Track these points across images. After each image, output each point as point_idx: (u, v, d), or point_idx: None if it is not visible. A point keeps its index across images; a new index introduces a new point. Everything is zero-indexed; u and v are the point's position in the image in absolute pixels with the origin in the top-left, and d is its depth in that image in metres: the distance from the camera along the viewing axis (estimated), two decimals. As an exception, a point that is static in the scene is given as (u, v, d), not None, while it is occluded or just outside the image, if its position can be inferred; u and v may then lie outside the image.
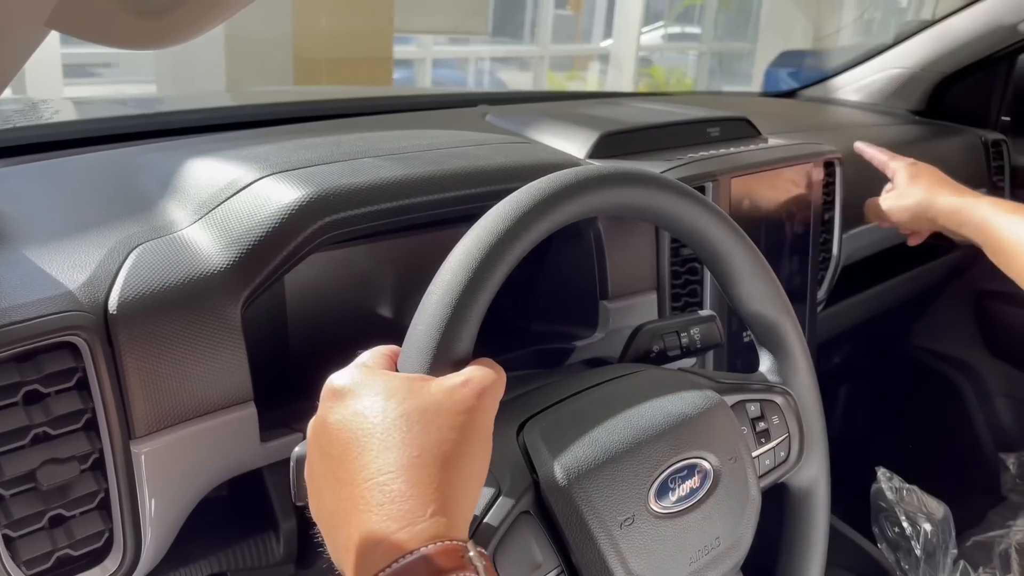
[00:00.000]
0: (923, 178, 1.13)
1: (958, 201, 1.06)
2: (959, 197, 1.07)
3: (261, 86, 3.33)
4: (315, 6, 3.67)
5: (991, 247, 1.01)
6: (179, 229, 0.66)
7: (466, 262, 0.54)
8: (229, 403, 0.62)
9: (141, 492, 0.58)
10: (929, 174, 1.14)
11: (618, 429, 0.60)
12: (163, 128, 1.00)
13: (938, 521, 1.04)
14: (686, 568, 0.60)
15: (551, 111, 1.12)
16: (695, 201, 0.66)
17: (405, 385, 0.48)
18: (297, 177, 0.67)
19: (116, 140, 0.93)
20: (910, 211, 1.11)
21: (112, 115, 1.13)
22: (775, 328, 0.72)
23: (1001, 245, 0.99)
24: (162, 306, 0.59)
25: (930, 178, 1.13)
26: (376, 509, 0.43)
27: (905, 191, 1.13)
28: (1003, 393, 1.63)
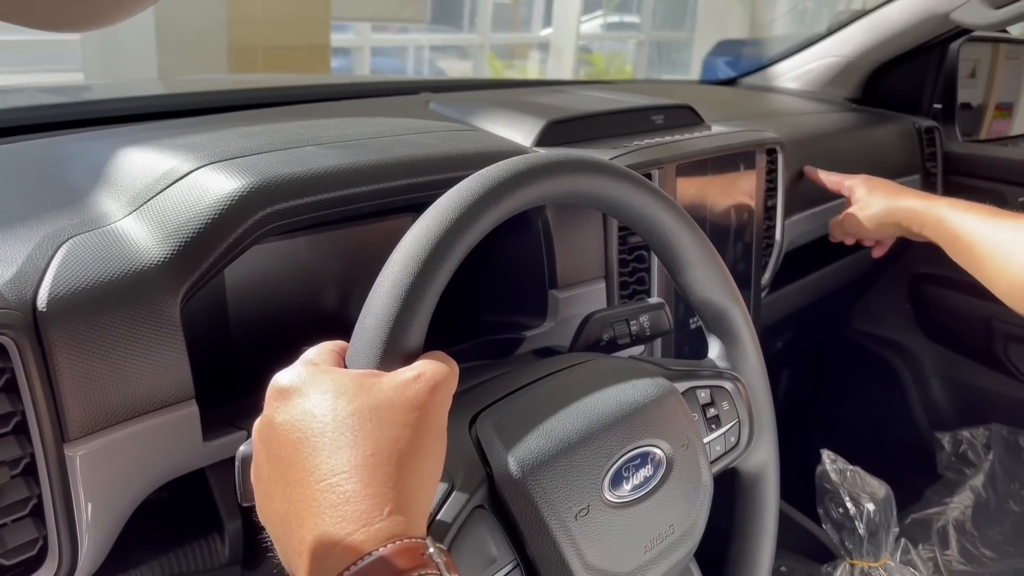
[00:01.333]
0: (880, 188, 1.17)
1: (917, 203, 1.10)
2: (917, 200, 1.11)
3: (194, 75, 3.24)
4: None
5: (950, 245, 1.05)
6: (112, 222, 0.63)
7: (415, 252, 0.53)
8: (169, 402, 0.60)
9: (77, 497, 0.55)
10: (884, 184, 1.19)
11: (571, 419, 0.59)
12: (92, 117, 0.95)
13: (880, 501, 1.06)
14: (641, 557, 0.59)
15: (495, 99, 1.10)
16: (644, 188, 0.66)
17: (355, 382, 0.47)
18: (236, 166, 0.64)
19: (41, 130, 0.89)
20: (874, 220, 1.15)
21: (36, 103, 1.08)
22: (724, 314, 0.73)
23: (959, 242, 1.03)
24: (96, 302, 0.56)
25: (886, 187, 1.18)
26: (330, 511, 0.42)
27: (866, 203, 1.17)
28: (937, 374, 1.67)
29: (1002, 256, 0.97)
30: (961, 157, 1.63)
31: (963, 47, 1.65)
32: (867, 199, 1.17)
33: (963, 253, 1.03)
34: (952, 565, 1.18)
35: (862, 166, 1.43)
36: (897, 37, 1.58)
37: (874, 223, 1.16)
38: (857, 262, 1.55)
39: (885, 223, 1.14)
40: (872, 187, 1.18)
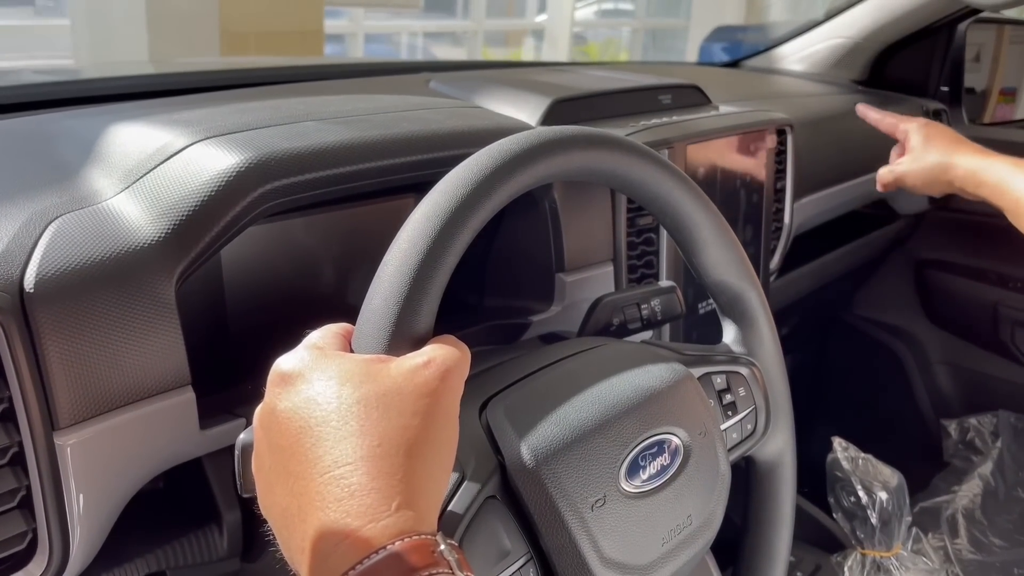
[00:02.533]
0: (938, 139, 1.08)
1: (976, 162, 1.02)
2: (977, 157, 1.02)
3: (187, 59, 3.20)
4: (242, -24, 3.54)
5: (1009, 208, 0.97)
6: (104, 199, 0.60)
7: (425, 229, 0.50)
8: (164, 388, 0.57)
9: (68, 488, 0.53)
10: (943, 134, 1.09)
11: (586, 406, 0.57)
12: (84, 95, 0.92)
13: (893, 489, 1.04)
14: (659, 549, 0.57)
15: (497, 78, 1.07)
16: (661, 166, 0.63)
17: (361, 367, 0.44)
18: (234, 141, 0.61)
19: (33, 108, 0.86)
20: (927, 174, 1.07)
21: (27, 82, 1.04)
22: (740, 297, 0.70)
23: (1019, 207, 0.96)
24: (86, 283, 0.53)
25: (945, 138, 1.08)
26: (334, 505, 0.39)
27: (921, 154, 1.08)
28: (942, 360, 1.65)
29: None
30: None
31: (970, 29, 1.63)
32: (922, 149, 1.08)
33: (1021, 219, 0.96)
34: (962, 554, 1.16)
35: (869, 148, 1.41)
36: (904, 17, 1.55)
37: (927, 177, 1.07)
38: (862, 248, 1.53)
39: (939, 179, 1.06)
40: (929, 136, 1.08)
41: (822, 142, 1.27)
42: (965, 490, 1.28)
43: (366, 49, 6.35)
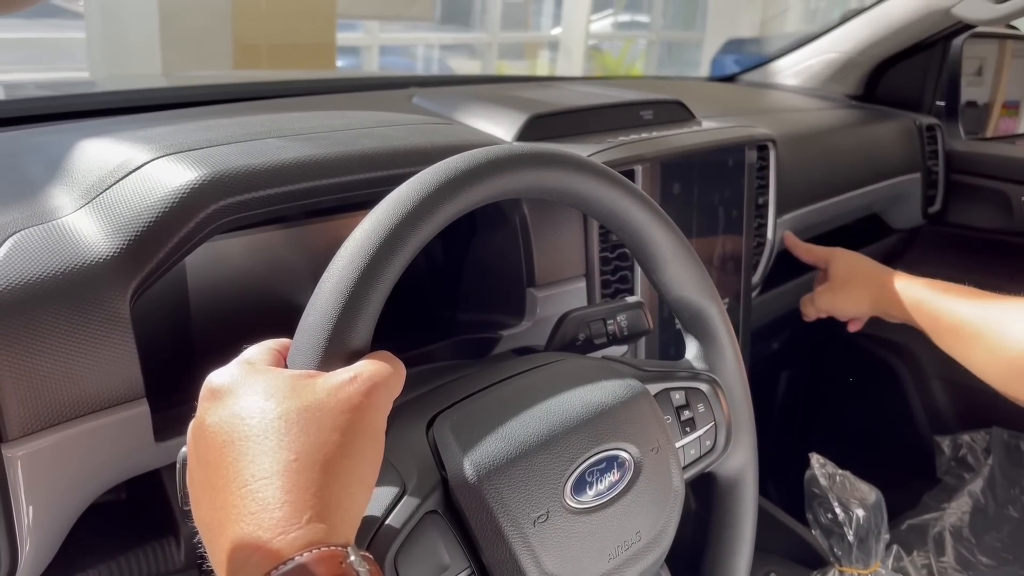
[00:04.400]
0: (855, 265, 1.13)
1: (896, 286, 1.06)
2: (893, 281, 1.07)
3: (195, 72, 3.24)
4: (255, -13, 3.58)
5: (931, 328, 1.01)
6: (63, 216, 0.61)
7: (363, 247, 0.51)
8: (117, 401, 0.58)
9: (16, 499, 0.53)
10: (859, 261, 1.14)
11: (532, 421, 0.57)
12: (66, 110, 0.94)
13: (870, 506, 1.03)
14: (605, 564, 0.57)
15: (480, 93, 1.08)
16: (615, 183, 0.63)
17: (287, 383, 0.45)
18: (190, 158, 0.62)
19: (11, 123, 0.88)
20: (848, 300, 1.12)
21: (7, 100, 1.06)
22: (700, 314, 0.70)
23: (940, 325, 0.99)
24: (39, 297, 0.54)
25: (862, 264, 1.13)
26: (248, 518, 0.40)
27: (840, 281, 1.13)
28: (939, 376, 1.64)
29: (993, 338, 0.92)
30: (963, 155, 1.60)
31: (967, 44, 1.62)
32: (841, 277, 1.13)
33: (945, 336, 0.99)
34: (947, 572, 1.15)
35: (860, 163, 1.41)
36: (898, 32, 1.55)
37: (848, 303, 1.12)
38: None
39: (860, 303, 1.11)
40: (847, 264, 1.14)
41: (809, 157, 1.27)
42: (954, 507, 1.27)
43: (381, 62, 6.39)
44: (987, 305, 0.95)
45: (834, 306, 1.14)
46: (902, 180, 1.51)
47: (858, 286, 1.11)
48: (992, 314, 0.93)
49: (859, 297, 1.10)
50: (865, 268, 1.12)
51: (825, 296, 1.14)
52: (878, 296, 1.07)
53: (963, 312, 0.96)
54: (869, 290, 1.09)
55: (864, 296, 1.09)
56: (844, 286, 1.12)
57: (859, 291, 1.10)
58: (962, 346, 0.97)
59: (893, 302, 1.05)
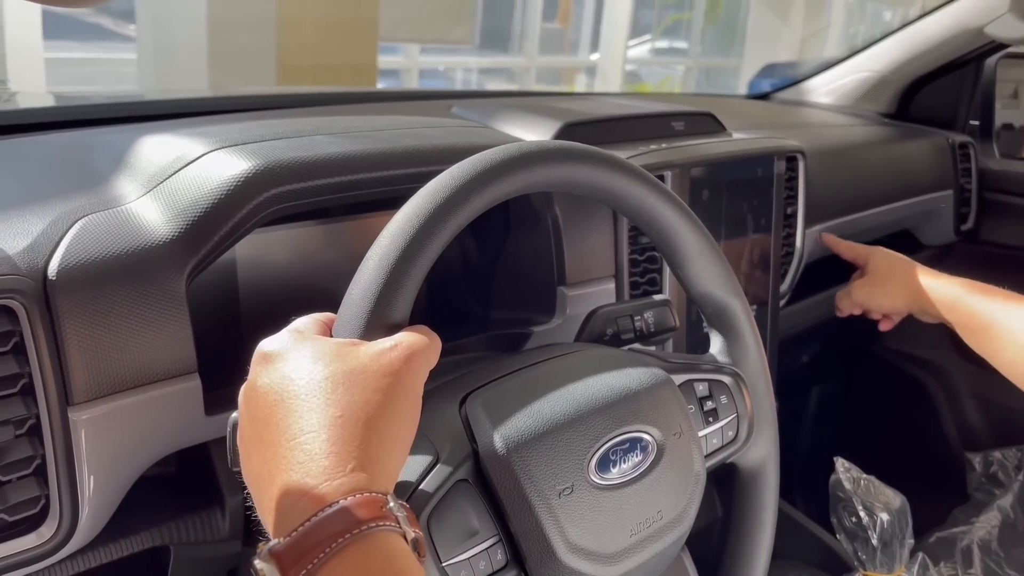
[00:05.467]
0: (894, 263, 1.15)
1: (930, 282, 1.08)
2: (930, 278, 1.08)
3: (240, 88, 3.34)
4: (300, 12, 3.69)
5: (963, 326, 1.02)
6: (127, 202, 0.66)
7: (404, 229, 0.54)
8: (172, 374, 0.62)
9: (79, 459, 0.58)
10: (899, 260, 1.16)
11: (560, 401, 0.60)
12: (123, 115, 0.99)
13: (895, 511, 1.04)
14: (627, 539, 0.60)
15: (516, 104, 1.12)
16: (642, 180, 0.66)
17: (333, 349, 0.49)
18: (244, 151, 0.67)
19: (76, 126, 0.93)
20: (885, 295, 1.13)
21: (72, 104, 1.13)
22: (725, 309, 0.73)
23: (974, 324, 1.01)
24: (104, 275, 0.59)
25: (900, 263, 1.15)
26: (297, 467, 0.44)
27: (878, 277, 1.15)
28: (971, 394, 1.64)
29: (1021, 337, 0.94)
30: (997, 173, 1.61)
31: (1004, 66, 1.63)
32: (879, 273, 1.15)
33: (977, 335, 1.00)
34: (975, 584, 1.16)
35: (891, 179, 1.43)
36: (930, 51, 1.57)
37: (885, 298, 1.14)
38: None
39: (896, 299, 1.12)
40: (886, 261, 1.16)
41: (839, 170, 1.29)
42: (983, 521, 1.27)
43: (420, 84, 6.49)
44: (1019, 306, 0.96)
45: (870, 300, 1.14)
46: (934, 197, 1.52)
47: (895, 282, 1.11)
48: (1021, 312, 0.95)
49: (895, 293, 1.11)
50: (903, 265, 1.14)
51: (862, 290, 1.15)
52: (914, 293, 1.08)
53: (996, 312, 0.97)
54: (906, 287, 1.10)
55: (900, 292, 1.10)
56: (882, 282, 1.13)
57: (896, 287, 1.11)
58: (993, 345, 0.98)
59: (928, 300, 1.06)
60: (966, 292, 1.03)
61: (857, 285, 1.17)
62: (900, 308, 1.13)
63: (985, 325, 0.99)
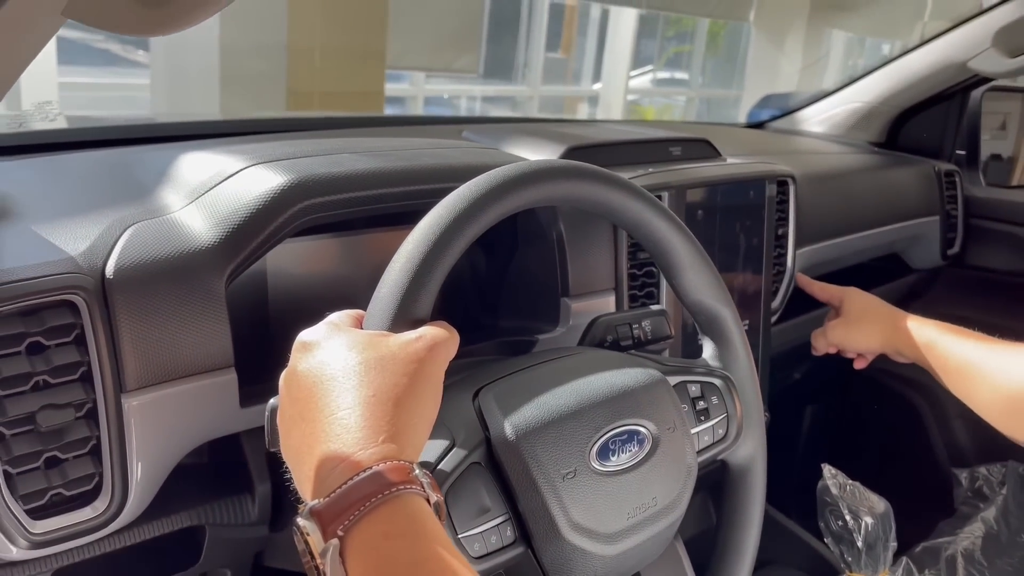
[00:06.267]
0: (868, 304, 1.18)
1: (905, 324, 1.10)
2: (906, 320, 1.11)
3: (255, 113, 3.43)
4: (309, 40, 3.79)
5: (939, 367, 1.05)
6: (172, 211, 0.73)
7: (427, 235, 0.61)
8: (212, 367, 0.68)
9: (129, 441, 0.64)
10: (872, 300, 1.19)
11: (563, 395, 0.66)
12: (161, 135, 1.07)
13: (879, 515, 1.10)
14: (624, 522, 0.66)
15: (523, 129, 1.19)
16: (640, 196, 0.73)
17: (366, 339, 0.55)
18: (279, 166, 0.74)
19: (116, 144, 1.00)
20: (860, 336, 1.16)
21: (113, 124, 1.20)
22: (716, 317, 0.79)
23: (948, 365, 1.03)
24: (153, 276, 0.65)
25: (874, 304, 1.18)
26: (335, 439, 0.50)
27: (853, 317, 1.18)
28: (958, 414, 1.69)
29: (995, 378, 0.97)
30: (982, 201, 1.68)
31: (990, 98, 1.71)
32: (853, 313, 1.18)
33: (951, 376, 1.03)
34: (958, 591, 1.21)
35: (879, 204, 1.50)
36: (917, 84, 1.64)
37: (860, 338, 1.16)
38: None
39: (870, 339, 1.15)
40: (860, 302, 1.19)
41: (829, 195, 1.36)
42: (967, 532, 1.32)
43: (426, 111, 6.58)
44: (991, 348, 1.00)
45: (846, 340, 1.17)
46: (921, 222, 1.59)
47: (870, 323, 1.15)
48: (995, 356, 0.98)
49: (870, 333, 1.14)
50: (877, 307, 1.17)
51: (837, 331, 1.18)
52: (889, 334, 1.12)
53: (969, 353, 1.01)
54: (881, 327, 1.13)
55: (875, 333, 1.14)
56: (856, 322, 1.16)
57: (871, 328, 1.14)
58: (967, 385, 1.01)
59: (904, 341, 1.09)
60: (941, 334, 1.05)
61: (832, 325, 1.19)
62: (874, 348, 1.16)
63: (959, 367, 1.02)
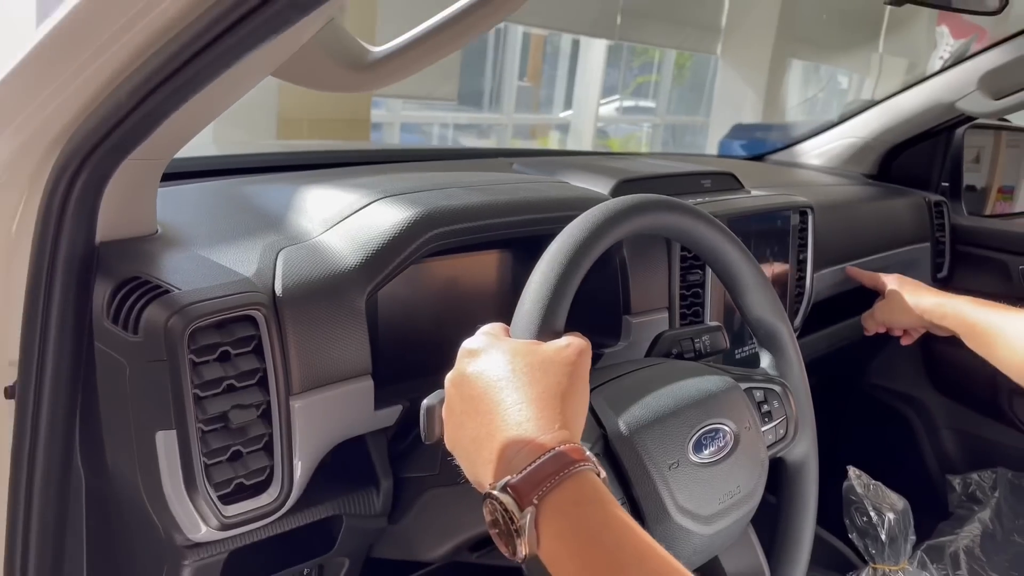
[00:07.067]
0: (908, 286, 1.36)
1: (940, 300, 1.29)
2: (940, 297, 1.29)
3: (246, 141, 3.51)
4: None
5: (968, 334, 1.23)
6: (313, 237, 0.82)
7: (558, 258, 0.72)
8: (355, 374, 0.78)
9: (294, 437, 0.73)
10: (912, 283, 1.37)
11: (663, 397, 0.77)
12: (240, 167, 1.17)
13: (900, 511, 1.22)
14: (716, 506, 0.76)
15: (571, 163, 1.31)
16: (716, 227, 0.85)
17: (524, 346, 0.65)
18: (406, 200, 0.84)
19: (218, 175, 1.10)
20: (902, 313, 1.34)
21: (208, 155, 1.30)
22: (774, 332, 0.91)
23: (976, 330, 1.21)
24: (312, 293, 0.75)
25: (914, 286, 1.36)
26: (515, 427, 0.60)
27: (895, 298, 1.36)
28: (948, 426, 1.83)
29: (1018, 340, 1.14)
30: (967, 229, 1.83)
31: (968, 133, 1.86)
32: (897, 295, 1.35)
33: (979, 338, 1.21)
34: (962, 583, 1.33)
35: (879, 232, 1.63)
36: (908, 122, 1.79)
37: (902, 315, 1.34)
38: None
39: (912, 315, 1.32)
40: (902, 285, 1.36)
41: (838, 223, 1.49)
42: (966, 532, 1.45)
43: (401, 138, 6.69)
44: (1012, 315, 1.17)
45: (891, 319, 1.35)
46: (914, 248, 1.73)
47: (910, 302, 1.32)
48: (1015, 321, 1.15)
49: (910, 311, 1.32)
50: (915, 287, 1.35)
51: (884, 310, 1.36)
52: (926, 309, 1.29)
53: (992, 319, 1.18)
54: (918, 304, 1.31)
55: (915, 310, 1.31)
56: (900, 302, 1.34)
57: (910, 306, 1.32)
58: (990, 345, 1.18)
59: (938, 314, 1.27)
60: (968, 305, 1.24)
61: (879, 307, 1.38)
62: (915, 323, 1.33)
63: (984, 330, 1.19)
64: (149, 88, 0.59)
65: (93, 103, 0.64)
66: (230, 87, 0.62)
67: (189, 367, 0.67)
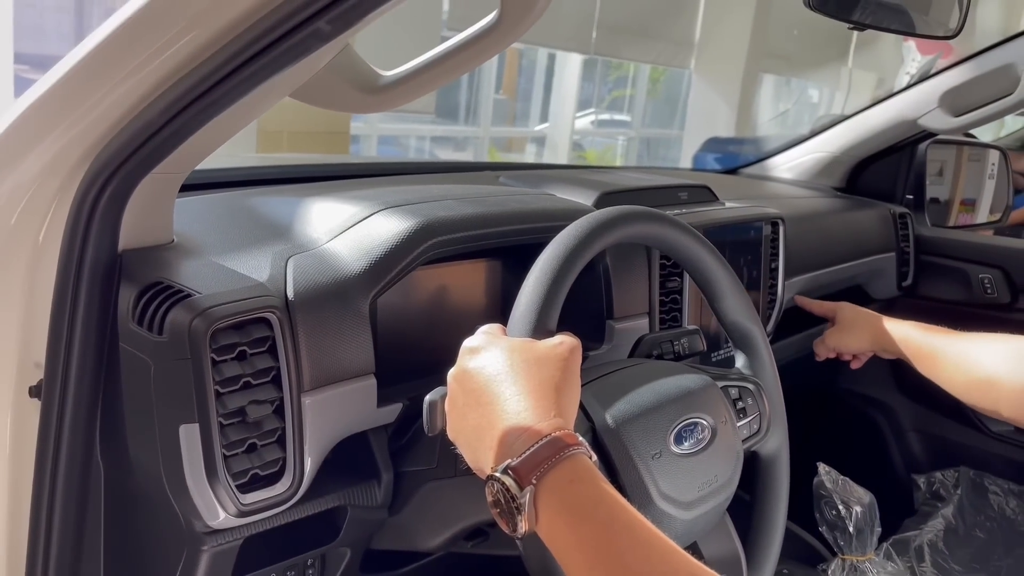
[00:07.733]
0: (857, 313, 1.42)
1: (886, 327, 1.35)
2: (887, 323, 1.36)
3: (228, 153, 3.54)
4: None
5: (914, 356, 1.30)
6: (319, 245, 0.88)
7: (551, 263, 0.78)
8: (360, 373, 0.83)
9: (305, 431, 0.79)
10: (859, 311, 1.43)
11: (646, 393, 0.84)
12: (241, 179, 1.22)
13: (866, 504, 1.29)
14: (696, 493, 0.83)
15: (554, 176, 1.37)
16: (695, 238, 0.92)
17: (520, 343, 0.72)
18: (406, 211, 0.90)
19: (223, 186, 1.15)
20: (852, 339, 1.40)
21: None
22: (748, 335, 0.98)
23: (921, 354, 1.28)
24: (321, 297, 0.81)
25: (863, 313, 1.42)
26: (514, 416, 0.66)
27: (845, 325, 1.42)
28: (914, 428, 1.91)
29: (960, 361, 1.21)
30: (931, 239, 1.91)
31: (931, 148, 1.96)
32: (846, 322, 1.42)
33: (924, 361, 1.27)
34: (926, 574, 1.41)
35: (847, 242, 1.71)
36: (874, 137, 1.88)
37: (853, 341, 1.40)
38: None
39: (862, 341, 1.39)
40: (851, 312, 1.43)
41: (808, 234, 1.57)
42: (931, 527, 1.52)
43: (379, 150, 6.74)
44: (954, 338, 1.24)
45: (841, 345, 1.41)
46: (880, 258, 1.82)
47: (860, 328, 1.39)
48: (957, 344, 1.22)
49: (860, 337, 1.38)
50: (864, 315, 1.42)
51: (834, 337, 1.42)
52: (875, 335, 1.35)
53: (936, 343, 1.25)
54: (869, 331, 1.37)
55: (865, 336, 1.38)
56: (849, 329, 1.40)
57: (860, 332, 1.38)
58: (935, 367, 1.24)
59: (887, 339, 1.33)
60: (914, 330, 1.31)
61: (829, 333, 1.43)
62: (866, 348, 1.39)
63: (930, 355, 1.26)
64: (180, 107, 0.64)
65: (123, 121, 0.69)
66: (252, 106, 0.67)
67: (211, 365, 0.72)
